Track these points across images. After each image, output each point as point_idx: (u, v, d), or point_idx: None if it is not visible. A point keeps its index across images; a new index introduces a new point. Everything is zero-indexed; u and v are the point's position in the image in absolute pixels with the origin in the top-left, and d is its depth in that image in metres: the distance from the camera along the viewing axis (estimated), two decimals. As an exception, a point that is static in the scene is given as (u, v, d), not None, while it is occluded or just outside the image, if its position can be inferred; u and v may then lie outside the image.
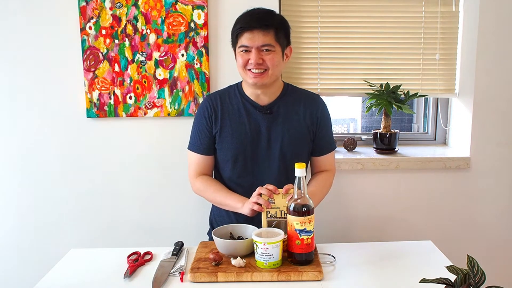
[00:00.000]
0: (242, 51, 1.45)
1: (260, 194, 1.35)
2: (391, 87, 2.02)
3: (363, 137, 2.24)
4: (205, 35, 1.89)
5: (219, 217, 1.65)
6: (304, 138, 1.57)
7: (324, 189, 1.60)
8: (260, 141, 1.54)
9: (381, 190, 2.05)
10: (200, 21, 1.88)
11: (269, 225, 1.33)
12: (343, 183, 2.02)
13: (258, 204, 1.35)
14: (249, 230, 1.35)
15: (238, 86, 1.60)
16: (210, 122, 1.56)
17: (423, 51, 2.07)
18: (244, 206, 1.42)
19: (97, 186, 2.01)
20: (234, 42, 1.49)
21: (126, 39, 1.89)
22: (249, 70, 1.46)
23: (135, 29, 1.88)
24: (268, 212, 1.33)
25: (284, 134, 1.54)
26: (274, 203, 1.33)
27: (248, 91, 1.56)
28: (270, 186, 1.35)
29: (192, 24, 1.88)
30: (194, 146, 1.59)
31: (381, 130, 2.08)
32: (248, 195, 1.45)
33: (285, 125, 1.54)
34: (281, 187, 1.36)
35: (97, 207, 2.02)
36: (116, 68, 1.91)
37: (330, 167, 1.65)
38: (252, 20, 1.43)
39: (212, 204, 1.70)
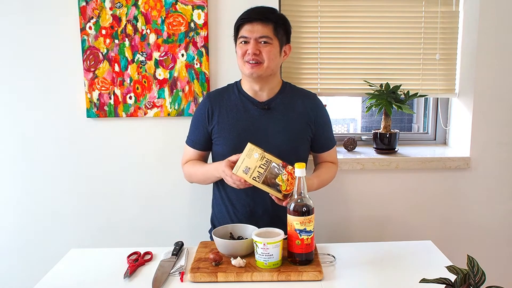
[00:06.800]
0: (241, 42, 1.51)
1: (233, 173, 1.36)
2: (391, 87, 2.02)
3: (363, 137, 2.24)
4: (205, 35, 1.89)
5: (220, 216, 1.65)
6: (302, 134, 1.58)
7: (329, 173, 1.65)
8: (258, 136, 1.54)
9: (381, 190, 2.05)
10: (200, 21, 1.88)
11: (265, 182, 1.33)
12: (343, 183, 2.02)
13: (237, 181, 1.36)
14: (249, 230, 1.35)
15: (237, 84, 1.63)
16: (207, 119, 1.59)
17: (423, 51, 2.07)
18: (227, 181, 1.42)
19: (97, 186, 2.01)
20: (236, 35, 1.54)
21: (126, 39, 1.89)
22: (247, 61, 1.49)
23: (135, 29, 1.88)
24: (254, 179, 1.33)
25: (282, 130, 1.55)
26: (249, 168, 1.33)
27: (247, 87, 1.58)
28: (233, 157, 1.39)
29: (192, 24, 1.88)
30: (190, 140, 1.65)
31: (381, 130, 2.08)
32: (245, 191, 1.50)
33: (283, 121, 1.56)
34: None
35: (97, 207, 2.02)
36: (116, 68, 1.91)
37: (332, 160, 1.70)
38: (253, 13, 1.50)
39: (213, 203, 1.71)
